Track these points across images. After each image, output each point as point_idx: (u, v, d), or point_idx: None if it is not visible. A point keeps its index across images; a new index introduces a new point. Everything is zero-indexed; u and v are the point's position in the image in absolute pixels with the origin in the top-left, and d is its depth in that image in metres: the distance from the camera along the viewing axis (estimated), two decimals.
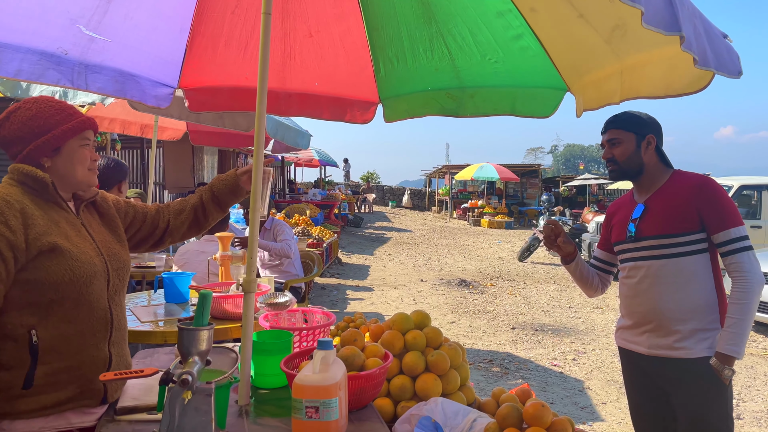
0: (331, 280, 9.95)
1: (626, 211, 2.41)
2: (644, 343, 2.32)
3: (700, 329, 2.18)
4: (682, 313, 2.20)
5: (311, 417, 1.53)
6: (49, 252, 1.62)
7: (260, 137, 1.98)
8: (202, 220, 2.16)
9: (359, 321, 2.83)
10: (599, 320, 7.62)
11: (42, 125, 1.69)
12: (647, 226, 2.28)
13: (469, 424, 1.95)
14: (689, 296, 2.20)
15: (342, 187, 27.29)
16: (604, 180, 25.42)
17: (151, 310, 3.28)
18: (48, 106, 1.72)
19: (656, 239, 2.25)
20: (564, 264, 2.58)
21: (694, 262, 2.20)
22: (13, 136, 1.69)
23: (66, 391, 1.66)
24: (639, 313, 2.32)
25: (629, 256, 2.37)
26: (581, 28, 2.01)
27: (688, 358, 2.18)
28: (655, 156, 2.33)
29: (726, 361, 2.10)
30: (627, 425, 4.25)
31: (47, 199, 1.71)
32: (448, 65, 2.62)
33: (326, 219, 14.90)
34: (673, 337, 2.21)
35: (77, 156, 1.75)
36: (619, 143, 2.33)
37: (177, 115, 4.23)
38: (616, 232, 2.45)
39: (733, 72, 1.61)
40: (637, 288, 2.32)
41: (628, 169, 2.34)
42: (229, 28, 2.68)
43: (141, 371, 1.55)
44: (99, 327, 1.73)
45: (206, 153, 15.82)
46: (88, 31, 2.25)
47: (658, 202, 2.29)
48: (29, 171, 1.68)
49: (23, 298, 1.60)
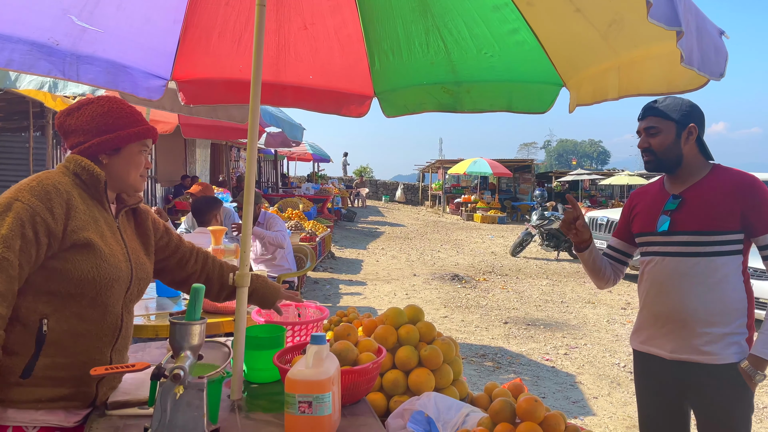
0: (324, 275, 9.94)
1: (654, 201, 2.24)
2: (666, 346, 2.16)
3: (728, 333, 2.05)
4: (711, 315, 2.06)
5: (304, 412, 1.52)
6: (81, 246, 1.62)
7: (254, 130, 1.97)
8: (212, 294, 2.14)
9: (352, 315, 2.83)
10: (591, 315, 7.66)
11: (111, 123, 1.73)
12: (683, 220, 2.12)
13: (462, 419, 1.96)
14: (720, 298, 2.06)
15: (335, 181, 27.25)
16: (596, 175, 25.54)
17: (142, 304, 3.26)
18: (120, 107, 1.77)
19: (692, 235, 2.10)
20: (577, 252, 2.40)
21: (728, 262, 2.07)
22: (80, 128, 1.72)
23: (62, 389, 1.64)
24: (662, 313, 2.16)
25: (657, 250, 2.20)
26: (578, 22, 2.00)
27: (716, 363, 2.05)
28: (696, 147, 2.16)
29: (759, 366, 1.98)
30: (618, 420, 4.28)
31: (93, 195, 1.73)
32: (443, 59, 2.61)
33: (319, 213, 14.87)
34: (699, 340, 2.07)
35: (135, 160, 1.79)
36: (658, 132, 2.15)
37: (170, 107, 4.20)
38: (641, 222, 2.27)
39: (714, 73, 1.57)
40: (663, 285, 2.16)
41: (666, 160, 2.16)
42: (223, 19, 2.65)
43: (132, 366, 1.53)
44: (107, 331, 1.72)
45: (198, 146, 15.74)
46: (80, 22, 2.22)
47: (696, 196, 2.12)
48: (87, 165, 1.70)
49: (44, 285, 1.60)
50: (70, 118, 1.74)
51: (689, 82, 1.74)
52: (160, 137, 11.34)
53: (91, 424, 1.64)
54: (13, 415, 1.59)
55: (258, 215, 5.47)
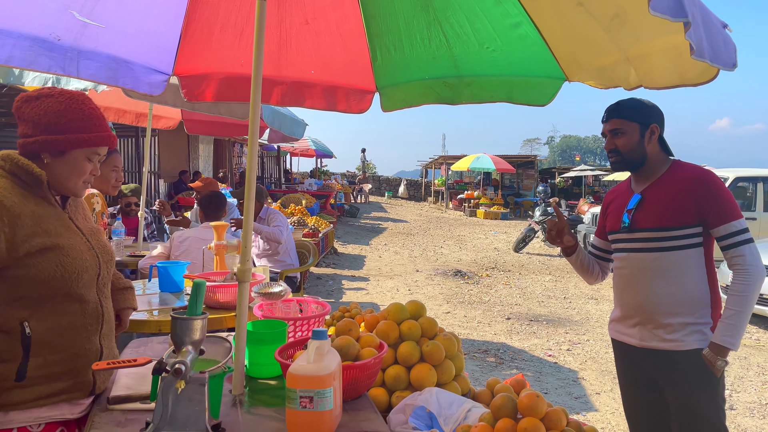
0: (327, 270, 9.95)
1: (622, 200, 2.37)
2: (635, 335, 2.30)
3: (691, 323, 2.16)
4: (674, 306, 2.18)
5: (305, 407, 1.52)
6: (37, 252, 1.59)
7: (254, 126, 1.96)
8: None
9: (354, 311, 2.82)
10: (594, 311, 7.65)
11: (63, 124, 1.63)
12: (643, 217, 2.24)
13: (463, 414, 1.95)
14: (682, 290, 2.17)
15: (338, 177, 27.25)
16: (600, 171, 25.45)
17: (145, 299, 3.26)
18: (78, 108, 1.66)
19: (651, 231, 2.22)
20: (565, 255, 2.54)
21: (688, 255, 2.17)
22: (32, 119, 1.63)
23: (60, 383, 1.65)
24: (630, 305, 2.30)
25: (623, 246, 2.34)
26: (580, 16, 1.99)
27: (679, 350, 2.17)
28: (658, 146, 2.27)
29: (720, 352, 2.09)
30: (620, 415, 4.27)
31: (37, 193, 1.66)
32: (445, 53, 2.60)
33: (322, 209, 14.87)
34: (663, 329, 2.20)
35: (79, 166, 1.69)
36: (622, 134, 2.24)
37: (172, 103, 4.19)
38: (611, 221, 2.41)
39: (727, 64, 1.58)
40: (630, 279, 2.30)
41: (632, 160, 2.27)
42: (225, 14, 2.65)
43: (134, 360, 1.53)
44: (91, 320, 1.71)
45: (201, 142, 15.75)
46: (81, 17, 2.22)
47: (655, 194, 2.24)
48: (25, 165, 1.61)
49: (12, 293, 1.58)
50: (27, 106, 1.65)
51: (700, 74, 1.73)
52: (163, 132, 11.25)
53: (93, 419, 1.65)
54: (16, 417, 1.59)
55: (259, 210, 5.47)
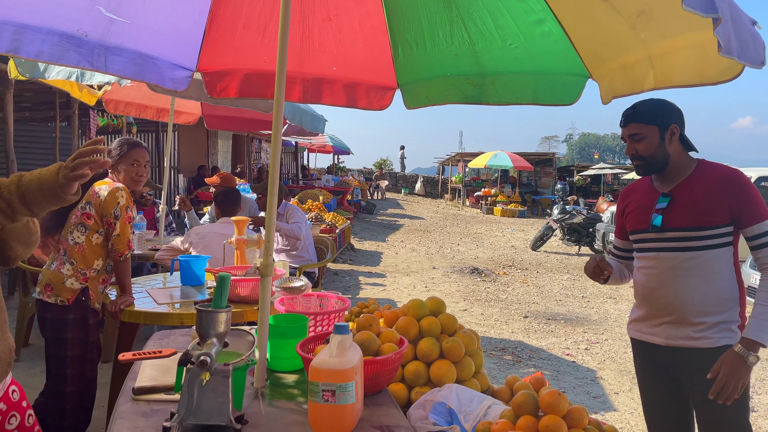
0: (344, 266, 9.98)
1: (645, 200, 2.33)
2: (662, 334, 2.27)
3: (722, 321, 2.15)
4: (706, 305, 2.16)
5: (328, 400, 1.53)
6: None
7: (278, 123, 1.98)
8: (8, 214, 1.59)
9: (373, 307, 2.83)
10: (612, 310, 7.58)
11: None
12: (674, 217, 2.21)
13: (483, 411, 1.96)
14: (714, 289, 2.16)
15: (355, 173, 27.27)
16: (619, 170, 25.18)
17: (167, 292, 3.31)
18: None
19: (684, 231, 2.19)
20: (601, 283, 2.51)
21: (719, 255, 2.16)
22: None
23: None
24: (660, 305, 2.27)
25: (650, 246, 2.30)
26: (605, 12, 1.97)
27: (708, 347, 2.15)
28: (680, 145, 2.24)
29: (752, 348, 2.06)
30: (639, 416, 4.23)
31: None
32: (468, 50, 2.59)
33: (339, 205, 14.90)
34: (693, 328, 2.18)
35: None
36: (642, 138, 2.22)
37: (196, 97, 4.24)
38: (634, 221, 2.37)
39: (756, 62, 1.56)
40: (659, 279, 2.26)
41: (655, 163, 2.24)
42: (248, 10, 2.67)
43: (159, 352, 1.56)
44: None
45: (221, 137, 15.87)
46: (108, 13, 2.25)
47: (685, 194, 2.21)
48: None
49: None
50: None
51: (722, 72, 1.70)
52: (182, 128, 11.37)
53: (118, 409, 1.68)
54: None
55: (278, 206, 5.52)
